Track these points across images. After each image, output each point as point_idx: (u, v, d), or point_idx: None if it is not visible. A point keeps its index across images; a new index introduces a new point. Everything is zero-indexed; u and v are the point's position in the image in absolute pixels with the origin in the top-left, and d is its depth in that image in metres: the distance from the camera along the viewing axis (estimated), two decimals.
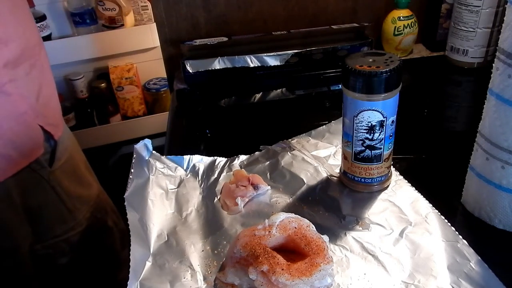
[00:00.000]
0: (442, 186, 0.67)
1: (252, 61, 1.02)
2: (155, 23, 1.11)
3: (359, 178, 0.64)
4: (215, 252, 0.56)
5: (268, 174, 0.69)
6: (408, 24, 1.11)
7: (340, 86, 0.59)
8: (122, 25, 1.10)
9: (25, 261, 0.75)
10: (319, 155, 0.72)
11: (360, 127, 0.59)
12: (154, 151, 0.69)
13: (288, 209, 0.62)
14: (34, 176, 0.71)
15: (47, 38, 1.08)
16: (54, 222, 0.77)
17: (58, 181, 0.75)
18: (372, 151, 0.61)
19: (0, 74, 0.63)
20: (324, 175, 0.68)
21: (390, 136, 0.61)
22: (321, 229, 0.54)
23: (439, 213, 0.58)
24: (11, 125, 0.66)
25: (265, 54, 1.02)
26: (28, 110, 0.68)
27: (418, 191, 0.62)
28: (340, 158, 0.68)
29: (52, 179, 0.74)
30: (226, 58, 1.01)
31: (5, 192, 0.69)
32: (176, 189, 0.67)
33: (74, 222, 0.79)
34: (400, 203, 0.61)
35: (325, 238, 0.53)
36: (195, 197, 0.65)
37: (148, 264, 0.53)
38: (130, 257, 0.51)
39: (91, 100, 1.17)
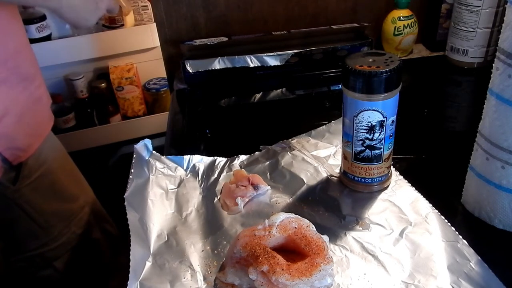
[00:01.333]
0: (442, 186, 0.67)
1: (252, 61, 1.02)
2: (155, 23, 1.11)
3: (359, 178, 0.64)
4: (215, 252, 0.56)
5: (268, 174, 0.69)
6: (408, 24, 1.11)
7: (340, 86, 0.59)
8: (122, 25, 1.09)
9: (0, 275, 0.74)
10: (319, 155, 0.72)
11: (360, 127, 0.59)
12: (154, 151, 0.69)
13: (288, 209, 0.62)
14: None
15: (47, 38, 1.08)
16: (25, 237, 0.75)
17: (26, 198, 0.72)
18: (372, 151, 0.61)
19: None
20: (324, 175, 0.68)
21: (390, 136, 0.61)
22: (321, 229, 0.54)
23: (439, 213, 0.58)
24: None
25: (265, 54, 1.02)
26: None
27: (418, 191, 0.62)
28: (340, 158, 0.68)
29: (18, 197, 0.71)
30: (226, 58, 1.01)
31: None
32: (176, 189, 0.67)
33: (47, 238, 0.77)
34: (400, 203, 0.61)
35: (325, 238, 0.53)
36: (195, 197, 0.65)
37: (148, 264, 0.53)
38: (130, 257, 0.51)
39: (91, 100, 1.17)
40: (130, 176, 0.63)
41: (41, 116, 0.75)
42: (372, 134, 0.59)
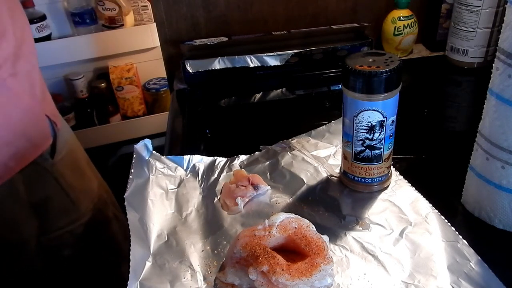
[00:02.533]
0: (442, 186, 0.67)
1: (252, 61, 1.02)
2: (155, 23, 1.11)
3: (359, 178, 0.64)
4: (215, 252, 0.56)
5: (268, 174, 0.69)
6: (408, 24, 1.11)
7: (340, 86, 0.59)
8: (122, 25, 1.10)
9: (33, 255, 0.76)
10: (319, 155, 0.72)
11: (360, 127, 0.59)
12: (154, 151, 0.69)
13: (288, 209, 0.62)
14: (38, 169, 0.72)
15: (47, 38, 1.08)
16: (58, 214, 0.78)
17: (61, 173, 0.76)
18: (372, 151, 0.61)
19: (1, 69, 0.64)
20: (324, 175, 0.68)
21: (390, 136, 0.61)
22: (321, 229, 0.54)
23: (439, 213, 0.58)
24: (20, 117, 0.67)
25: (265, 54, 1.02)
26: (33, 102, 0.70)
27: (418, 191, 0.62)
28: (340, 158, 0.68)
29: (55, 171, 0.75)
30: (226, 58, 1.01)
31: (12, 188, 0.69)
32: (176, 189, 0.67)
33: (78, 214, 0.80)
34: (400, 203, 0.61)
35: (325, 238, 0.53)
36: (195, 197, 0.65)
37: (148, 264, 0.53)
38: (130, 257, 0.51)
39: (91, 100, 1.17)
40: (130, 176, 0.63)
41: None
42: (372, 134, 0.59)
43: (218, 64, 1.02)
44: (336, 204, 0.62)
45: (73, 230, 0.79)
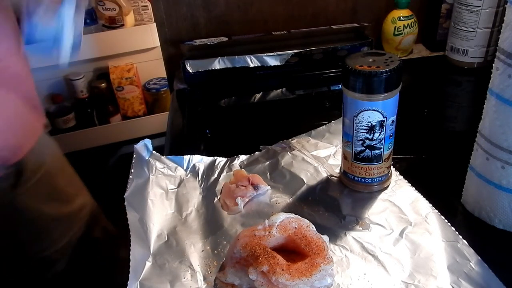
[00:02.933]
0: (442, 186, 0.67)
1: (252, 61, 1.02)
2: (155, 23, 1.11)
3: (359, 178, 0.64)
4: (215, 252, 0.56)
5: (268, 174, 0.69)
6: (408, 24, 1.11)
7: (340, 86, 0.59)
8: (122, 25, 1.10)
9: (5, 275, 0.74)
10: (319, 155, 0.72)
11: (360, 127, 0.59)
12: (154, 151, 0.69)
13: (288, 209, 0.62)
14: None
15: None
16: (28, 241, 0.75)
17: (27, 204, 0.72)
18: (372, 151, 0.61)
19: None
20: (324, 175, 0.68)
21: (390, 136, 0.61)
22: (321, 229, 0.54)
23: (439, 213, 0.58)
24: None
25: (265, 54, 1.02)
26: None
27: (418, 191, 0.62)
28: (340, 158, 0.68)
29: (19, 202, 0.71)
30: (226, 58, 1.01)
31: None
32: (176, 189, 0.67)
33: (49, 241, 0.77)
34: (400, 203, 0.61)
35: (325, 238, 0.53)
36: (195, 197, 0.65)
37: (148, 264, 0.53)
38: (130, 257, 0.51)
39: (91, 100, 1.17)
40: (130, 176, 0.63)
41: (31, 118, 0.73)
42: (372, 134, 0.59)
43: (218, 64, 1.02)
44: (336, 204, 0.62)
45: (48, 256, 0.77)
